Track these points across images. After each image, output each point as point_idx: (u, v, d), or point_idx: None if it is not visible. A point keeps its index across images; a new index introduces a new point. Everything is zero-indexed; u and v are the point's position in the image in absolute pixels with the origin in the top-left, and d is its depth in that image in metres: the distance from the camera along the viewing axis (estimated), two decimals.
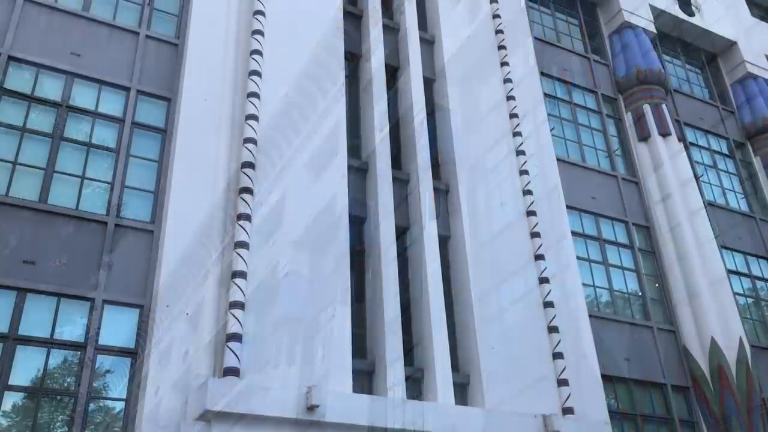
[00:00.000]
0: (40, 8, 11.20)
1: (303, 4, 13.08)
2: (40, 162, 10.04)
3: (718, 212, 17.38)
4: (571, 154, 16.03)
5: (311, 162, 11.44)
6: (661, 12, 19.99)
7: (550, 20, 18.53)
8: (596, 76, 18.04)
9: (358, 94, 13.58)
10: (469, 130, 13.72)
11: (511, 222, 13.01)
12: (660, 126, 16.91)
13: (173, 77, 11.68)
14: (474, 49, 15.04)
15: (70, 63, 10.95)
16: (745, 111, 20.14)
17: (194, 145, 10.66)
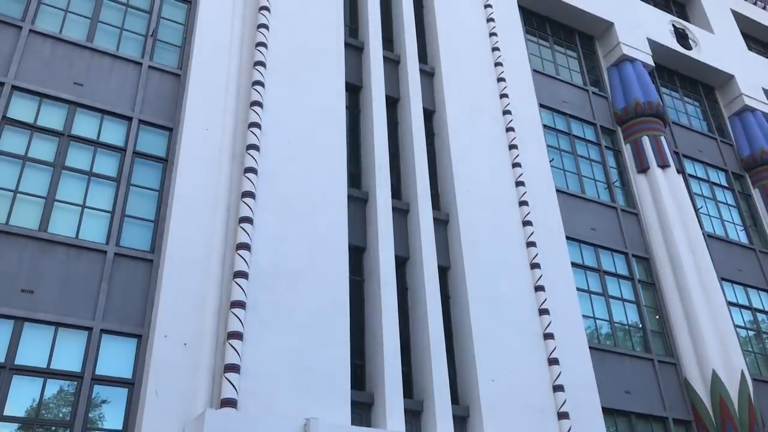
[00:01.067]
0: (45, 39, 11.32)
1: (304, 36, 13.23)
2: (41, 191, 10.06)
3: (718, 244, 17.39)
4: (570, 186, 16.08)
5: (311, 192, 11.47)
6: (659, 46, 20.22)
7: (548, 53, 18.73)
8: (595, 108, 18.18)
9: (358, 125, 13.67)
10: (468, 161, 13.77)
11: (511, 253, 12.99)
12: (659, 158, 17.00)
13: (175, 107, 11.76)
14: (473, 81, 15.18)
15: (73, 92, 11.04)
16: (743, 143, 20.26)
17: (195, 175, 10.69)
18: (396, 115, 14.26)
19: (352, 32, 14.91)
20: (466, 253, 12.52)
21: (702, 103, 21.38)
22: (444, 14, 15.87)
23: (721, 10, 23.74)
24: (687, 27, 21.62)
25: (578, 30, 19.75)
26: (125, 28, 12.26)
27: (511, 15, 17.29)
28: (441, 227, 13.04)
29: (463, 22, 16.11)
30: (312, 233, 11.05)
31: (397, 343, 10.83)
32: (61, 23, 11.71)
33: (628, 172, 17.32)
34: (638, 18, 20.34)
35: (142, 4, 12.73)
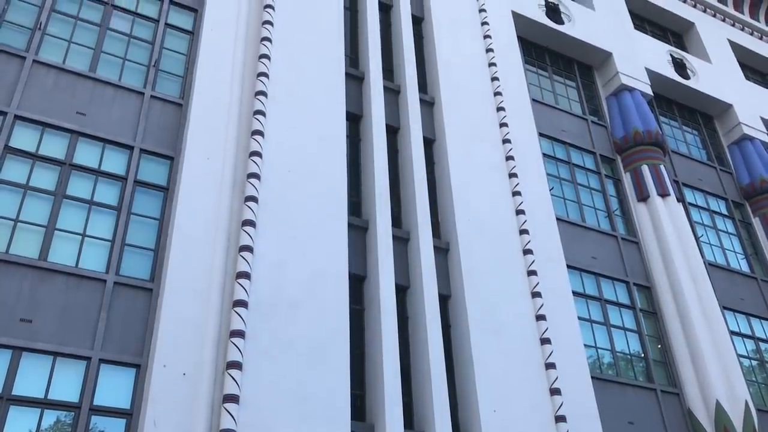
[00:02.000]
0: (48, 69, 11.43)
1: (305, 66, 13.35)
2: (42, 220, 10.07)
3: (719, 273, 17.34)
4: (570, 214, 16.09)
5: (311, 220, 11.48)
6: (657, 75, 20.39)
7: (547, 83, 18.87)
8: (594, 137, 18.27)
9: (359, 153, 13.73)
10: (468, 189, 13.80)
11: (511, 281, 12.95)
12: (658, 186, 17.03)
13: (176, 136, 11.83)
14: (473, 111, 15.27)
15: (76, 122, 11.11)
16: (742, 172, 20.32)
17: (195, 203, 10.71)
18: (396, 144, 14.33)
19: (352, 62, 15.05)
20: (467, 281, 12.49)
21: (701, 131, 21.49)
22: (443, 45, 16.03)
23: (718, 41, 23.98)
24: (685, 57, 21.82)
25: (577, 60, 19.93)
26: (128, 59, 12.38)
27: (510, 45, 17.46)
28: (441, 255, 13.03)
29: (463, 52, 16.27)
30: (312, 262, 11.04)
31: (397, 372, 10.75)
32: (65, 54, 11.83)
33: (628, 200, 17.34)
34: (636, 48, 20.54)
35: (144, 35, 12.87)
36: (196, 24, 13.51)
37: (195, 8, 13.73)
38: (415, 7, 16.78)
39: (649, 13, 23.57)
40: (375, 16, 15.41)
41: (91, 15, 12.58)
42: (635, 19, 23.06)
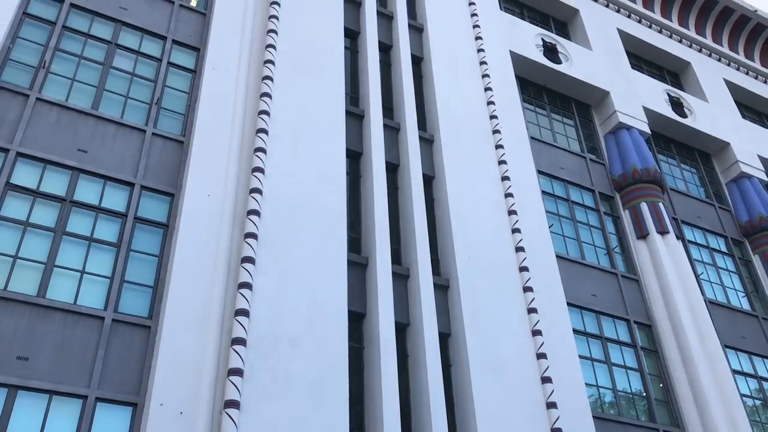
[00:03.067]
0: (51, 106, 11.53)
1: (306, 105, 13.48)
2: (41, 256, 10.06)
3: (720, 311, 17.26)
4: (570, 252, 16.09)
5: (311, 257, 11.47)
6: (654, 114, 20.58)
7: (546, 121, 19.04)
8: (593, 174, 18.36)
9: (359, 190, 13.77)
10: (468, 226, 13.82)
11: (512, 319, 12.88)
12: (658, 224, 17.06)
13: (177, 173, 11.88)
14: (472, 148, 15.37)
15: (77, 159, 11.17)
16: (741, 210, 20.38)
17: (195, 240, 10.71)
18: (396, 181, 14.39)
19: (353, 101, 15.20)
20: (467, 319, 12.42)
21: (699, 169, 21.61)
22: (443, 83, 16.21)
23: (715, 80, 24.27)
24: (682, 96, 22.05)
25: (575, 99, 20.14)
26: (130, 97, 12.50)
27: (508, 84, 17.65)
28: (441, 293, 12.98)
29: (462, 91, 16.44)
30: (311, 299, 10.99)
31: (397, 411, 10.62)
32: (68, 91, 11.95)
33: (628, 238, 17.35)
34: (633, 87, 20.77)
35: (147, 74, 13.02)
36: (198, 63, 13.68)
37: (197, 47, 13.92)
38: (414, 47, 17.01)
39: (645, 53, 23.89)
40: (375, 56, 15.61)
41: (95, 54, 12.75)
42: (632, 59, 23.37)
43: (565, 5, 22.13)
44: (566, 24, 22.57)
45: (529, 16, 21.76)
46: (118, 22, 13.35)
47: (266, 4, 14.89)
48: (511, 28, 19.47)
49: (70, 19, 12.92)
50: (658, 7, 24.80)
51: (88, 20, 13.10)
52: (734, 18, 26.10)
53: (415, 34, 17.36)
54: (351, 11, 16.67)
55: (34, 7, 12.69)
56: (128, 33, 13.37)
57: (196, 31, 14.18)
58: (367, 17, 16.33)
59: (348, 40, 16.29)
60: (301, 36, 14.61)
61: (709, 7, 25.65)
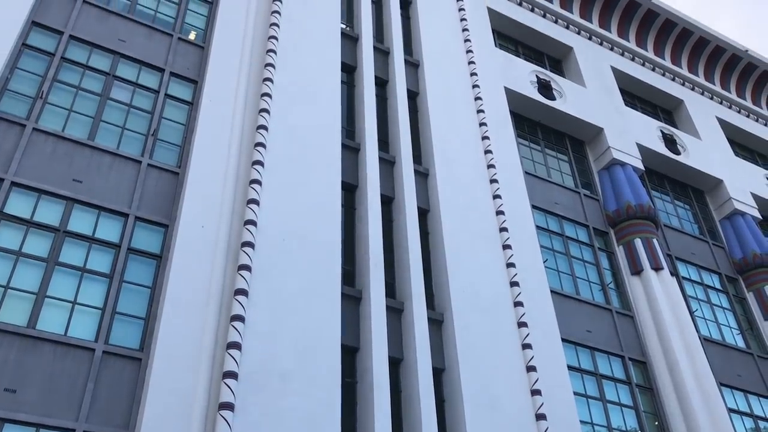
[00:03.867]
0: (47, 136, 11.54)
1: (302, 137, 13.54)
2: (32, 287, 9.97)
3: (715, 348, 17.19)
4: (565, 287, 16.05)
5: (304, 289, 11.40)
6: (648, 150, 20.73)
7: (540, 156, 19.15)
8: (587, 210, 18.42)
9: (353, 223, 13.76)
10: (463, 260, 13.79)
11: (506, 355, 12.79)
12: (652, 260, 17.07)
13: (172, 204, 11.86)
14: (467, 182, 15.42)
15: (71, 189, 11.14)
16: (735, 247, 20.43)
17: (188, 272, 10.65)
18: (390, 214, 14.40)
19: (349, 134, 15.28)
20: (461, 354, 12.32)
21: (692, 206, 21.71)
22: (438, 118, 16.33)
23: (707, 118, 24.53)
24: (675, 133, 22.25)
25: (569, 135, 20.29)
26: (127, 128, 12.53)
27: (503, 120, 17.78)
28: (435, 327, 12.90)
29: (457, 125, 16.56)
30: (304, 332, 10.90)
31: None
32: (65, 122, 11.98)
33: (622, 273, 17.34)
34: (627, 124, 20.96)
35: (144, 105, 13.08)
36: (195, 95, 13.76)
37: (195, 80, 14.01)
38: (410, 82, 17.17)
39: (639, 91, 24.18)
40: (371, 90, 15.73)
41: (93, 85, 12.81)
42: (625, 96, 23.64)
43: (559, 43, 22.43)
44: (560, 61, 22.85)
45: (524, 53, 22.04)
46: (116, 54, 13.44)
47: (264, 38, 15.04)
48: (505, 65, 19.70)
49: (69, 50, 13.01)
50: (651, 45, 25.17)
51: (86, 52, 13.19)
52: (726, 57, 26.49)
53: (411, 70, 17.54)
54: (348, 46, 16.85)
55: (34, 38, 12.79)
56: (126, 65, 13.47)
57: (194, 63, 14.29)
58: (363, 52, 16.51)
59: (345, 75, 16.44)
60: (299, 70, 14.74)
61: (702, 46, 26.05)
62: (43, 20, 13.02)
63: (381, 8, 18.90)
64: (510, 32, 22.04)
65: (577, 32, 23.36)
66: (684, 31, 25.66)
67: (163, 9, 14.97)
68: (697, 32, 25.78)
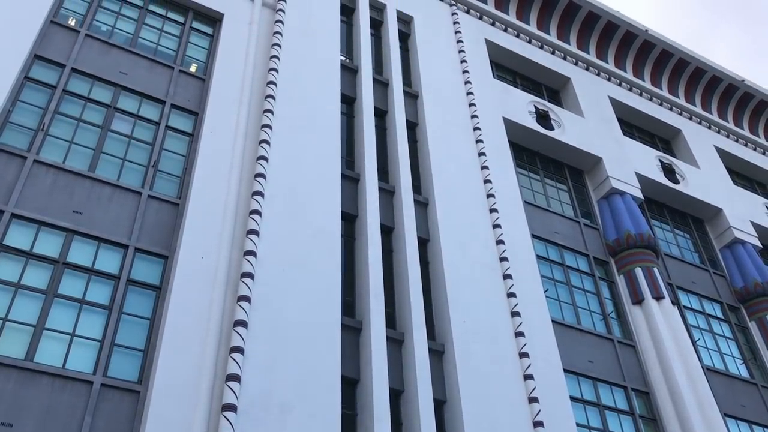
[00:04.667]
0: (48, 168, 11.59)
1: (302, 168, 13.59)
2: (31, 319, 9.92)
3: (718, 378, 17.04)
4: (566, 317, 15.97)
5: (304, 320, 11.35)
6: (647, 179, 20.78)
7: (539, 185, 19.20)
8: (587, 239, 18.40)
9: (353, 253, 13.75)
10: (463, 290, 13.75)
11: (508, 386, 12.68)
12: (653, 289, 17.01)
13: (172, 235, 11.86)
14: (467, 212, 15.45)
15: (71, 221, 11.15)
16: (736, 275, 20.37)
17: (188, 303, 10.61)
18: (390, 244, 14.39)
19: (348, 164, 15.34)
20: (463, 386, 12.22)
21: (692, 235, 21.70)
22: (437, 148, 16.41)
23: (706, 147, 24.64)
24: (673, 162, 22.34)
25: (567, 164, 20.36)
26: (127, 159, 12.59)
27: (502, 149, 17.88)
28: (436, 358, 12.81)
29: (456, 155, 16.64)
30: (304, 364, 10.82)
31: None
32: (65, 154, 12.03)
33: (623, 303, 17.27)
34: (626, 153, 21.04)
35: (145, 137, 13.15)
36: (196, 126, 13.84)
37: (196, 112, 14.11)
38: (409, 112, 17.29)
39: (637, 120, 24.33)
40: (371, 121, 15.84)
41: (94, 117, 12.90)
42: (623, 126, 23.77)
43: (557, 74, 22.63)
44: (558, 92, 23.04)
45: (522, 84, 22.22)
46: (117, 86, 13.56)
47: (265, 70, 15.19)
48: (504, 95, 19.85)
49: (71, 83, 13.13)
50: (648, 75, 25.39)
51: (88, 84, 13.31)
52: (722, 87, 26.71)
53: (410, 100, 17.67)
54: (348, 78, 17.00)
55: (36, 71, 12.91)
56: (127, 97, 13.57)
57: (194, 95, 14.41)
58: (363, 84, 16.66)
59: (344, 106, 16.56)
60: (299, 101, 14.85)
61: (699, 76, 26.28)
62: (45, 53, 13.16)
63: (380, 41, 19.11)
64: (508, 63, 22.25)
65: (575, 63, 23.59)
66: (680, 62, 25.91)
67: (164, 42, 15.13)
68: (694, 62, 26.03)
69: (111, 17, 14.84)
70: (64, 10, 14.27)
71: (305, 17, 17.09)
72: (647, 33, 25.06)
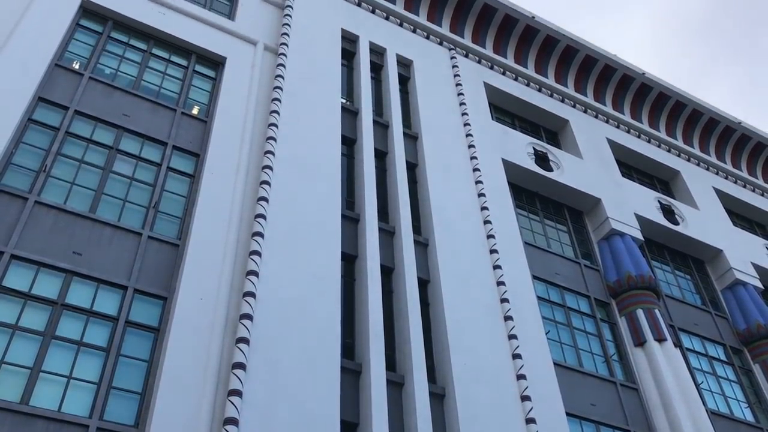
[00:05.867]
0: (49, 209, 11.61)
1: (302, 208, 13.63)
2: (27, 361, 9.82)
3: (723, 422, 16.79)
4: (568, 359, 15.82)
5: (303, 363, 11.23)
6: (646, 221, 20.80)
7: (539, 226, 19.22)
8: (588, 280, 18.33)
9: (353, 293, 13.69)
10: (464, 332, 13.64)
11: (510, 430, 12.48)
12: (654, 331, 16.88)
13: (171, 276, 11.82)
14: (467, 252, 15.42)
15: (71, 262, 11.13)
16: (738, 317, 20.24)
17: (186, 345, 10.52)
18: (390, 285, 14.33)
19: (348, 205, 15.38)
20: (464, 429, 12.03)
21: (693, 276, 21.63)
22: (437, 189, 16.48)
23: (704, 188, 24.73)
24: (673, 203, 22.39)
25: (567, 205, 20.41)
26: (128, 200, 12.62)
27: (501, 190, 17.94)
28: (437, 401, 12.64)
29: (456, 195, 16.69)
30: (302, 407, 10.68)
31: None
32: (66, 195, 12.06)
33: (625, 345, 17.12)
34: (625, 194, 21.12)
35: (146, 178, 13.21)
36: (197, 168, 13.91)
37: (197, 153, 14.20)
38: (409, 153, 17.41)
39: (635, 162, 24.47)
40: (371, 162, 15.94)
41: (96, 158, 12.98)
42: (622, 167, 23.90)
43: (555, 116, 22.86)
44: (556, 133, 23.23)
45: (520, 126, 22.41)
46: (120, 128, 13.67)
47: (266, 112, 15.34)
48: (502, 137, 20.01)
49: (74, 125, 13.24)
50: (645, 117, 25.63)
51: (91, 126, 13.43)
52: (720, 129, 26.95)
53: (410, 142, 17.81)
54: (348, 120, 17.16)
55: (40, 113, 13.04)
56: (130, 138, 13.68)
57: (196, 137, 14.52)
58: (363, 125, 16.81)
59: (345, 147, 16.68)
60: (300, 142, 14.96)
61: (696, 118, 26.54)
62: (49, 96, 13.31)
63: (380, 84, 19.34)
64: (506, 106, 22.49)
65: (573, 105, 23.84)
66: (678, 104, 26.20)
67: (167, 85, 15.32)
68: (691, 104, 26.31)
69: (115, 60, 15.05)
70: (69, 54, 14.47)
71: (307, 61, 17.34)
72: (644, 76, 25.38)
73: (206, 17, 17.08)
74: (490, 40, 23.30)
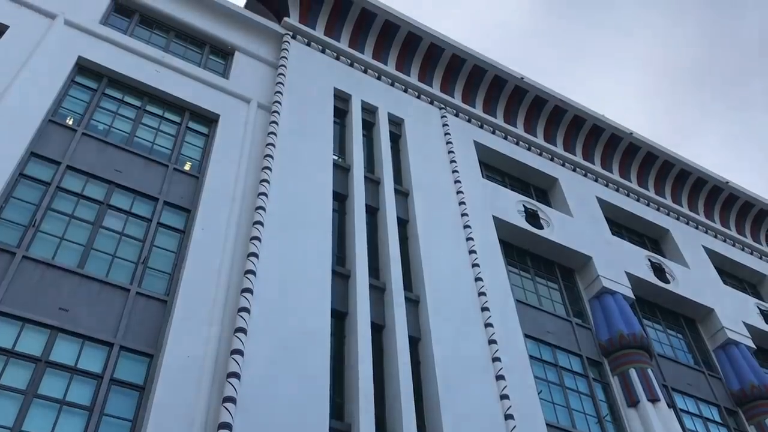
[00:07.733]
0: (37, 264, 11.49)
1: (292, 264, 13.56)
2: (7, 422, 9.54)
3: None
4: (560, 420, 15.56)
5: (291, 424, 10.99)
6: (637, 279, 20.79)
7: (530, 284, 19.16)
8: (580, 339, 18.19)
9: (342, 351, 13.51)
10: (455, 391, 13.42)
11: None
12: (647, 391, 16.66)
13: (158, 333, 11.65)
14: (458, 310, 15.31)
15: (57, 318, 10.95)
16: (731, 377, 20.03)
17: (171, 404, 10.29)
18: (381, 342, 14.16)
19: (339, 261, 15.32)
20: None
21: (685, 335, 21.51)
22: (428, 245, 16.47)
23: (694, 247, 24.83)
24: (663, 262, 22.43)
25: (558, 263, 20.40)
26: (117, 255, 12.53)
27: (492, 247, 17.95)
28: None
29: (446, 252, 16.67)
30: None
31: None
32: (55, 250, 11.96)
33: (618, 405, 16.87)
34: (615, 253, 21.16)
35: (136, 233, 13.15)
36: (187, 223, 13.88)
37: (188, 209, 14.19)
38: (400, 210, 17.47)
39: (625, 220, 24.61)
40: (362, 218, 15.97)
41: (86, 213, 12.93)
42: (612, 226, 24.01)
43: (545, 174, 23.08)
44: (546, 191, 23.41)
45: (511, 184, 22.59)
46: (111, 183, 13.67)
47: (258, 169, 15.42)
48: (493, 194, 20.14)
49: (65, 180, 13.24)
50: (634, 176, 25.92)
51: (82, 181, 13.43)
52: (708, 188, 27.26)
53: (401, 198, 17.89)
54: (340, 176, 17.26)
55: (32, 168, 13.05)
56: (121, 194, 13.67)
57: (188, 193, 14.54)
58: (355, 182, 16.91)
59: (336, 203, 16.72)
60: (291, 198, 15.00)
61: (684, 177, 26.86)
62: (42, 151, 13.35)
63: (372, 141, 19.55)
64: (496, 164, 22.71)
65: (562, 164, 24.11)
66: (666, 163, 26.54)
67: (160, 141, 15.42)
68: (678, 164, 26.67)
69: (108, 117, 15.17)
70: (63, 110, 14.59)
71: (300, 119, 17.54)
72: (632, 135, 25.78)
73: (201, 75, 17.32)
74: (480, 100, 23.70)
